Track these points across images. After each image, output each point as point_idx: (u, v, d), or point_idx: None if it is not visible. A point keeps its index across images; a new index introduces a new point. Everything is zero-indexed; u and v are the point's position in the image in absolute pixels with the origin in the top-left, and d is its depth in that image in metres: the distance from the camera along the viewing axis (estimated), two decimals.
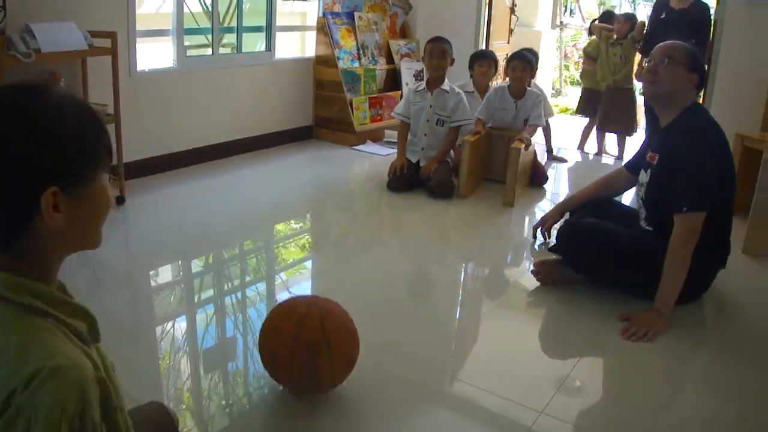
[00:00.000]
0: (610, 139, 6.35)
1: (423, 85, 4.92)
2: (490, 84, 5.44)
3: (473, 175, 4.74)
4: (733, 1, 5.17)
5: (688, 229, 2.80)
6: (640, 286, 3.02)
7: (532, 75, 5.71)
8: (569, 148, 6.44)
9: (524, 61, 5.05)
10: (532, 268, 3.29)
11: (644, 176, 3.16)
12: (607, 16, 6.58)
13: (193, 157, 5.04)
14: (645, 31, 5.89)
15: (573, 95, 9.69)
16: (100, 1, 4.19)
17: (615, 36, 6.11)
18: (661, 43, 3.06)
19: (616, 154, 6.21)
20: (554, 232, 3.56)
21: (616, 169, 3.72)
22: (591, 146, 6.43)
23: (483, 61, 5.43)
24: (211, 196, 4.49)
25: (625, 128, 6.15)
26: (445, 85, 4.84)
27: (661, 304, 2.84)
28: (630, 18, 6.26)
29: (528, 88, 5.10)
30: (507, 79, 5.26)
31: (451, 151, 4.94)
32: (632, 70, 6.11)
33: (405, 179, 4.72)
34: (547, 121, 5.82)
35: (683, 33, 5.23)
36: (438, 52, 4.80)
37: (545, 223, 3.71)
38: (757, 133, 4.45)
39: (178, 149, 4.93)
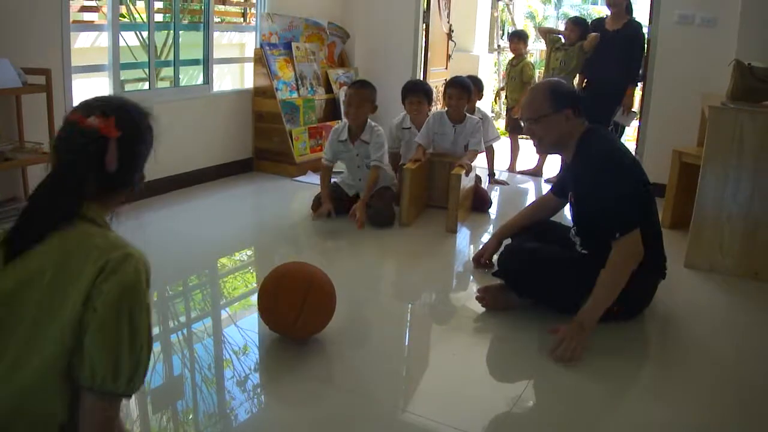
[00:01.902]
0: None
1: (345, 134, 4.76)
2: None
3: (415, 202, 4.77)
4: (665, 20, 5.40)
5: (627, 249, 2.85)
6: (581, 308, 3.07)
7: (479, 98, 5.78)
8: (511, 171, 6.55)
9: (460, 89, 5.00)
10: (476, 293, 3.34)
11: (571, 214, 3.27)
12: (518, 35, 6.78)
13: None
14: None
15: None
16: (34, 37, 4.13)
17: (563, 40, 6.03)
18: (523, 101, 3.15)
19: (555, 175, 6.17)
20: (496, 259, 3.59)
21: (545, 194, 3.83)
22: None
23: (413, 97, 5.25)
24: (152, 231, 4.42)
25: None
26: (365, 135, 4.70)
27: (587, 316, 2.84)
28: (579, 23, 6.05)
29: (467, 114, 5.09)
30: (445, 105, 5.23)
31: (395, 179, 4.95)
32: (572, 78, 5.92)
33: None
34: (491, 145, 5.85)
35: (618, 53, 5.41)
36: (355, 101, 4.61)
37: (484, 255, 3.77)
38: (694, 149, 4.57)
39: None
